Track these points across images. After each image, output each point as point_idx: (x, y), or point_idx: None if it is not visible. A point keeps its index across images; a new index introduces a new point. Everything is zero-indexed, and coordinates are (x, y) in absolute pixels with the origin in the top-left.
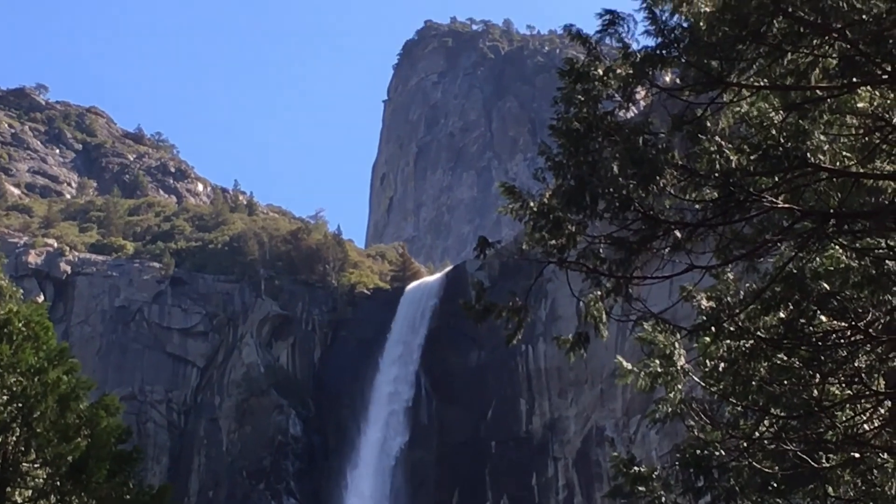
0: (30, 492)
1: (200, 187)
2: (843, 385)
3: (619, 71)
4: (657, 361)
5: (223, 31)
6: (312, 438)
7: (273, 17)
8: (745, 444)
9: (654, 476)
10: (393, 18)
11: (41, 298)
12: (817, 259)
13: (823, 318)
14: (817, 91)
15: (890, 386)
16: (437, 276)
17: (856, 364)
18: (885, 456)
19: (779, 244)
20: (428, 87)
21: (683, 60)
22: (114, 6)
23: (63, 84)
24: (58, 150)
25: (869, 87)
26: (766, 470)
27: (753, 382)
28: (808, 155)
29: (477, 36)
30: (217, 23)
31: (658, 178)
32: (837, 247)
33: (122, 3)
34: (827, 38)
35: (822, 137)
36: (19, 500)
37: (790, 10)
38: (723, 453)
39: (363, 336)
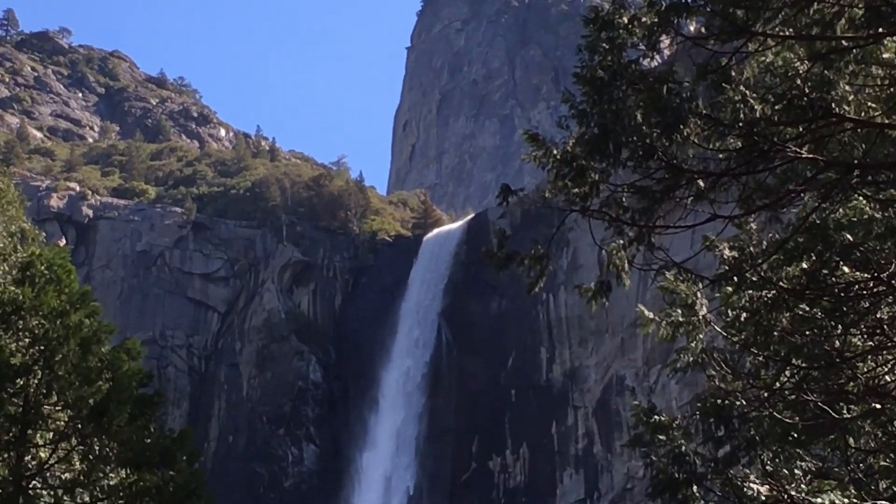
0: (51, 434)
1: (223, 132)
2: (865, 336)
3: (643, 19)
4: (679, 311)
5: None
6: (332, 385)
7: None
8: (765, 395)
9: (674, 425)
10: None
11: (63, 242)
12: (841, 210)
13: (846, 270)
14: (843, 41)
15: None
16: (459, 223)
17: (878, 315)
18: None
19: (802, 195)
20: (451, 34)
21: (708, 9)
22: None
23: (86, 28)
24: (80, 94)
25: (895, 38)
26: (787, 420)
27: (775, 333)
28: (833, 105)
29: None
30: None
31: (682, 127)
32: (861, 198)
33: None
34: None
35: (847, 88)
36: (41, 443)
37: None
38: (743, 403)
39: (384, 283)
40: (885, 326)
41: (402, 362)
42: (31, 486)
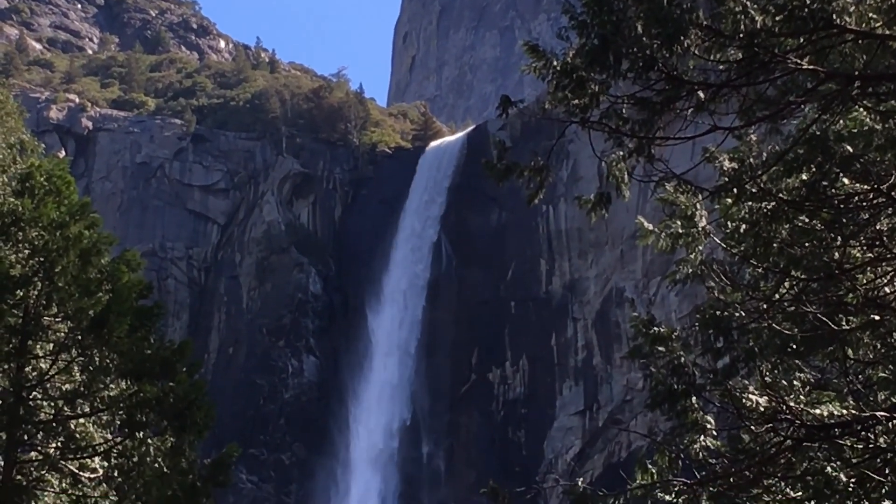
0: (51, 345)
1: (222, 44)
2: (865, 248)
3: None
4: (678, 222)
5: None
6: (332, 297)
7: None
8: (764, 306)
9: (673, 337)
10: None
11: (62, 154)
12: (841, 121)
13: (846, 181)
14: None
15: None
16: (459, 135)
17: (877, 227)
18: None
19: (802, 106)
20: None
21: None
22: None
23: None
24: (79, 6)
25: None
26: (786, 332)
27: (774, 244)
28: (834, 16)
29: None
30: None
31: (682, 38)
32: (862, 109)
33: None
34: None
35: None
36: (41, 354)
37: None
38: (742, 315)
39: (384, 195)
40: (885, 238)
41: (402, 274)
42: (31, 396)
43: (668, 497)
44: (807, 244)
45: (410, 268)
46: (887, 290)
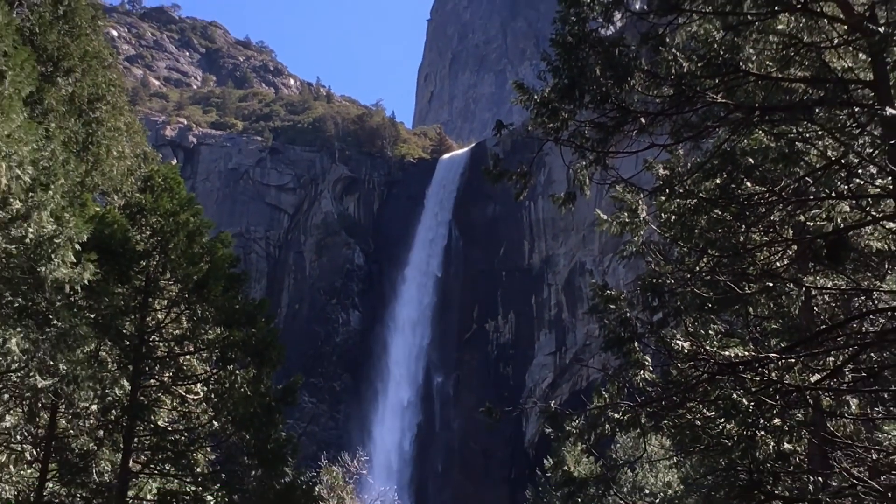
0: (165, 301)
1: (292, 81)
2: (762, 233)
3: None
4: (625, 214)
5: None
6: (371, 267)
7: None
8: (688, 276)
9: (621, 298)
10: None
11: (174, 162)
12: (745, 140)
13: (748, 184)
14: (748, 16)
15: (796, 234)
16: (465, 150)
17: (772, 218)
18: (791, 286)
19: (717, 129)
20: (460, 10)
21: None
22: None
23: (191, 1)
24: (187, 53)
25: (786, 14)
26: (704, 295)
27: (696, 230)
28: (741, 63)
29: None
30: None
31: (629, 79)
32: (760, 132)
33: None
34: None
35: (751, 50)
36: (158, 308)
37: None
38: (672, 282)
39: (410, 193)
40: (777, 226)
41: (423, 250)
42: (151, 339)
43: (616, 415)
44: (719, 230)
45: (428, 246)
46: (778, 264)
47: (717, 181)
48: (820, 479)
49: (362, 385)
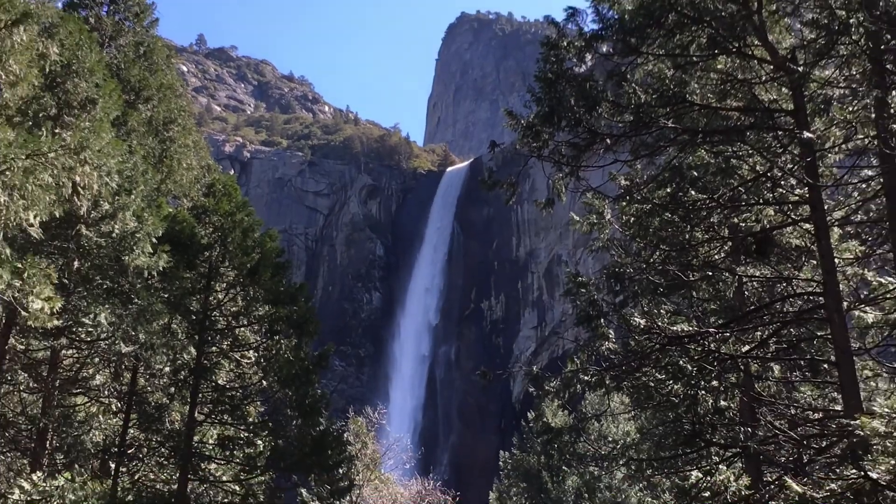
0: (224, 284)
1: (326, 108)
2: (704, 232)
3: (576, 43)
4: (594, 216)
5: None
6: (390, 258)
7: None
8: (644, 266)
9: (590, 283)
10: (441, 15)
11: (232, 172)
12: (690, 157)
13: (693, 193)
14: (694, 57)
15: (731, 233)
16: (465, 164)
17: (711, 220)
18: (727, 275)
19: (668, 148)
20: (462, 51)
21: (615, 37)
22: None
23: (246, 44)
24: (242, 85)
25: (724, 56)
26: (656, 281)
27: (650, 230)
28: (687, 95)
29: (492, 21)
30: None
31: (597, 107)
32: (703, 150)
33: None
34: (700, 25)
35: (695, 85)
36: (218, 289)
37: (679, 8)
38: (631, 271)
39: (421, 199)
40: (715, 226)
41: (431, 245)
42: (212, 315)
43: (586, 378)
44: (669, 230)
45: (435, 241)
46: (717, 257)
47: (668, 190)
48: (749, 429)
49: (382, 352)
